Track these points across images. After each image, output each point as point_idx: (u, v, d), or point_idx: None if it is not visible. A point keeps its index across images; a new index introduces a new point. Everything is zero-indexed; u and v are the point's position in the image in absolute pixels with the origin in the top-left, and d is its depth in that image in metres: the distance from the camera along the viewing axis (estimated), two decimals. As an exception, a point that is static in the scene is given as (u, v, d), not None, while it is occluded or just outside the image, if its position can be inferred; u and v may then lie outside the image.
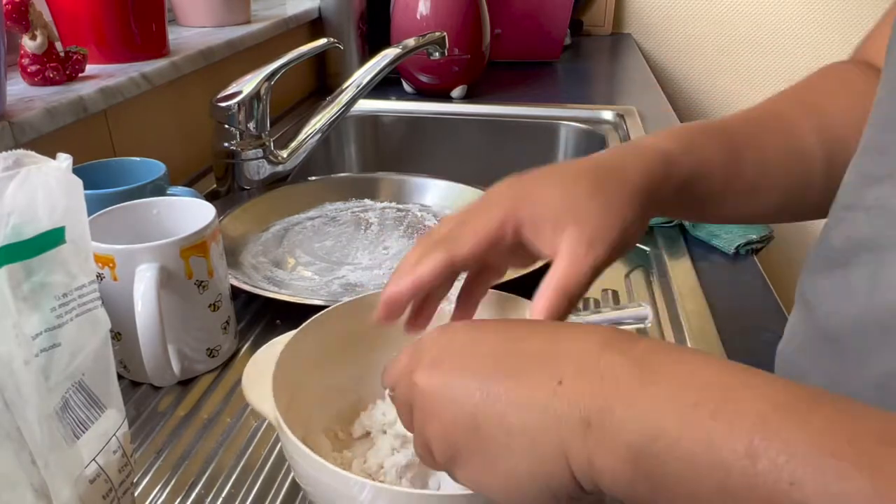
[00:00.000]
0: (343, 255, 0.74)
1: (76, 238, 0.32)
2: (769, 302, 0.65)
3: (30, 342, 0.30)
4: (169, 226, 0.56)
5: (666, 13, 1.78)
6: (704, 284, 0.67)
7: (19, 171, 0.30)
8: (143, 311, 0.48)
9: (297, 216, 0.81)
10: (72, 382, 0.32)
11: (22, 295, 0.30)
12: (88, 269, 0.33)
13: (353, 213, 0.83)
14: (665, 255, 0.73)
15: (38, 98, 0.68)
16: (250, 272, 0.69)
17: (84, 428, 0.33)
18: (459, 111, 1.22)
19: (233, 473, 0.46)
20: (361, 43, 1.30)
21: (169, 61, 0.85)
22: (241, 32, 1.03)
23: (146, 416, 0.51)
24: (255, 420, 0.51)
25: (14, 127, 0.61)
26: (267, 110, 0.83)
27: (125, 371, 0.54)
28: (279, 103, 1.21)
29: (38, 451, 0.30)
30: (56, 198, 0.31)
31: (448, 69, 1.21)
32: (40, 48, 0.71)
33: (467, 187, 0.83)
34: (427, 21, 1.18)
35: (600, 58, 1.62)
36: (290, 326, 0.44)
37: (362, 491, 0.33)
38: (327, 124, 0.87)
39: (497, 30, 1.39)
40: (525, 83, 1.37)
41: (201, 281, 0.53)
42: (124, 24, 0.82)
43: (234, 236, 0.73)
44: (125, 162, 0.68)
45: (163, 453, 0.48)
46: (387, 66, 0.87)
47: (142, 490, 0.45)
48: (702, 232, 0.75)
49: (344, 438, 0.46)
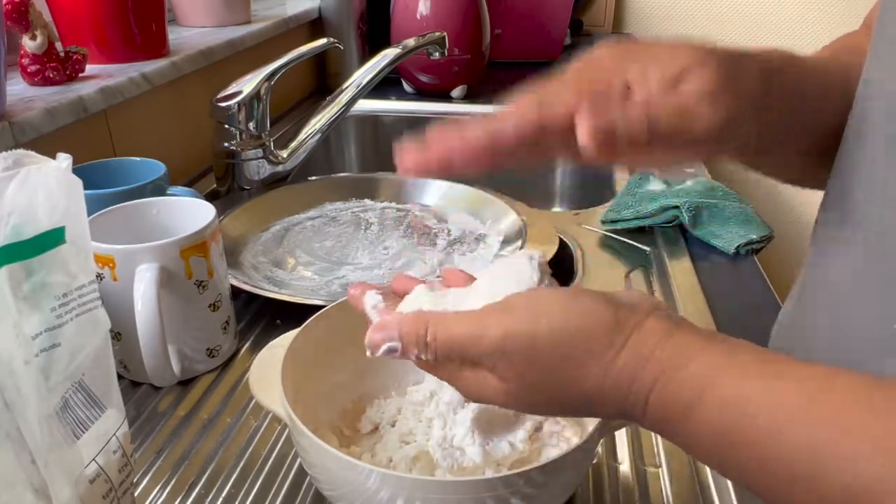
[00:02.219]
0: (343, 255, 0.74)
1: (76, 238, 0.32)
2: (769, 302, 0.65)
3: (30, 342, 0.30)
4: (169, 226, 0.56)
5: (666, 13, 1.78)
6: (704, 284, 0.67)
7: (19, 171, 0.30)
8: (143, 311, 0.48)
9: (297, 216, 0.81)
10: (72, 382, 0.32)
11: (22, 295, 0.30)
12: (88, 269, 0.33)
13: (353, 213, 0.83)
14: (665, 255, 0.73)
15: (38, 98, 0.68)
16: (250, 272, 0.69)
17: (84, 428, 0.33)
18: (459, 111, 1.22)
19: (233, 473, 0.46)
20: (361, 43, 1.30)
21: (169, 61, 0.85)
22: (241, 32, 1.03)
23: (146, 416, 0.51)
24: (255, 420, 0.51)
25: (14, 127, 0.61)
26: (267, 110, 0.83)
27: (125, 371, 0.54)
28: (279, 103, 1.21)
29: (38, 451, 0.30)
30: (56, 198, 0.31)
31: (448, 69, 1.21)
32: (40, 48, 0.71)
33: (467, 187, 0.83)
34: (427, 21, 1.18)
35: (600, 58, 1.61)
36: (290, 326, 0.44)
37: (370, 478, 0.34)
38: (327, 124, 0.87)
39: (497, 30, 1.39)
40: (525, 83, 1.37)
41: (201, 281, 0.53)
42: (124, 24, 0.82)
43: (234, 236, 0.73)
44: (125, 162, 0.68)
45: (163, 453, 0.48)
46: (387, 66, 0.87)
47: (142, 490, 0.45)
48: (702, 232, 0.75)
49: (350, 435, 0.46)
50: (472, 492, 0.33)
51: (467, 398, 0.34)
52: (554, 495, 0.37)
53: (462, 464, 0.39)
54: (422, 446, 0.42)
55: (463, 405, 0.42)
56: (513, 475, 0.34)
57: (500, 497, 0.34)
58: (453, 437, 0.40)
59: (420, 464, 0.41)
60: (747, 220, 0.76)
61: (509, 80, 1.54)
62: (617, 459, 0.47)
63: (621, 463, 0.47)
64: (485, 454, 0.39)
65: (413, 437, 0.43)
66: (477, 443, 0.40)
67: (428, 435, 0.42)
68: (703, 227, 0.75)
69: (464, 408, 0.41)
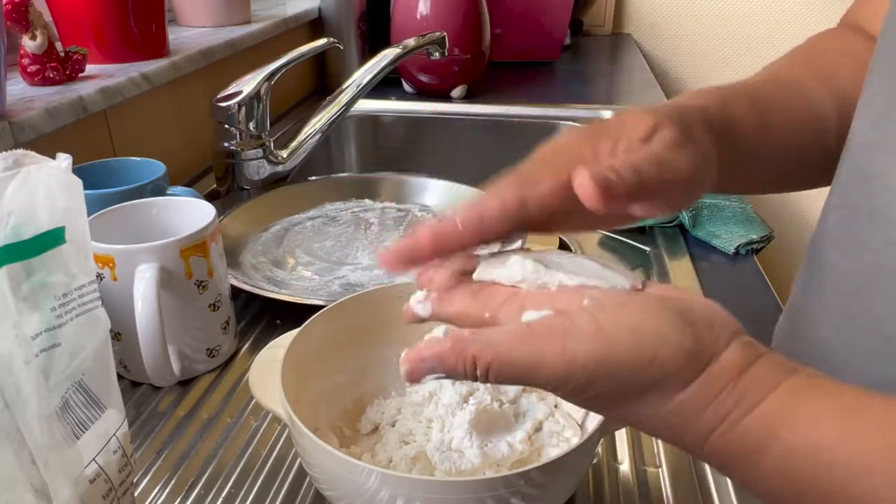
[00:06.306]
0: (343, 255, 0.74)
1: (76, 238, 0.32)
2: (769, 302, 0.65)
3: (30, 342, 0.30)
4: (169, 226, 0.56)
5: (666, 13, 1.78)
6: (704, 284, 0.67)
7: (19, 171, 0.30)
8: (143, 311, 0.48)
9: (297, 216, 0.81)
10: (72, 382, 0.32)
11: (22, 295, 0.30)
12: (88, 269, 0.33)
13: (353, 213, 0.83)
14: (665, 255, 0.73)
15: (38, 98, 0.68)
16: (250, 272, 0.69)
17: (84, 428, 0.33)
18: (459, 111, 1.22)
19: (233, 473, 0.46)
20: (361, 43, 1.30)
21: (169, 61, 0.85)
22: (241, 32, 1.03)
23: (146, 416, 0.51)
24: (255, 420, 0.51)
25: (14, 127, 0.61)
26: (267, 110, 0.83)
27: (125, 371, 0.54)
28: (279, 103, 1.21)
29: (38, 451, 0.30)
30: (56, 198, 0.31)
31: (448, 69, 1.21)
32: (40, 48, 0.71)
33: (468, 187, 0.83)
34: (427, 21, 1.18)
35: (600, 58, 1.62)
36: (290, 326, 0.44)
37: (370, 478, 0.34)
38: (327, 124, 0.87)
39: (497, 30, 1.39)
40: (525, 83, 1.37)
41: (201, 281, 0.53)
42: (124, 24, 0.82)
43: (234, 236, 0.73)
44: (125, 162, 0.68)
45: (163, 453, 0.48)
46: (387, 66, 0.87)
47: (142, 490, 0.45)
48: (702, 232, 0.75)
49: (350, 435, 0.46)
50: (472, 492, 0.33)
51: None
52: (554, 495, 0.37)
53: (460, 466, 0.39)
54: (421, 446, 0.42)
55: (462, 406, 0.42)
56: (513, 475, 0.34)
57: (500, 497, 0.34)
58: (451, 440, 0.40)
59: (420, 464, 0.41)
60: (747, 220, 0.76)
61: (509, 80, 1.53)
62: (617, 459, 0.47)
63: (621, 463, 0.47)
64: (483, 455, 0.39)
65: (413, 437, 0.43)
66: (475, 444, 0.40)
67: (428, 435, 0.42)
68: (703, 227, 0.75)
69: (462, 409, 0.41)
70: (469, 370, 0.28)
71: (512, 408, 0.43)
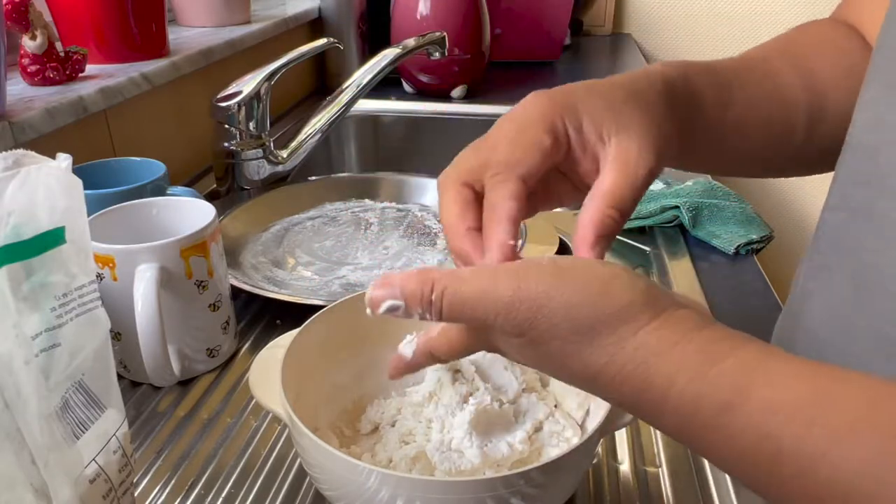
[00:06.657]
0: (343, 255, 0.74)
1: (76, 238, 0.32)
2: (769, 302, 0.65)
3: (30, 342, 0.30)
4: (169, 226, 0.56)
5: (666, 13, 1.78)
6: (704, 284, 0.67)
7: (19, 171, 0.30)
8: (142, 311, 0.48)
9: (297, 216, 0.81)
10: (72, 382, 0.32)
11: (22, 295, 0.30)
12: (88, 269, 0.33)
13: (353, 213, 0.83)
14: (665, 255, 0.73)
15: (38, 98, 0.68)
16: (250, 272, 0.69)
17: (84, 428, 0.33)
18: (459, 111, 1.22)
19: (233, 473, 0.46)
20: (361, 43, 1.30)
21: (169, 61, 0.85)
22: (241, 32, 1.03)
23: (146, 416, 0.51)
24: (255, 420, 0.51)
25: (14, 127, 0.61)
26: (267, 110, 0.83)
27: (125, 371, 0.54)
28: (279, 103, 1.21)
29: (38, 451, 0.30)
30: (56, 198, 0.31)
31: (448, 69, 1.21)
32: (40, 48, 0.71)
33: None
34: (427, 21, 1.18)
35: (600, 58, 1.62)
36: (290, 326, 0.44)
37: (370, 478, 0.34)
38: (327, 124, 0.87)
39: (497, 30, 1.39)
40: (525, 83, 1.37)
41: (201, 281, 0.53)
42: (124, 24, 0.82)
43: (234, 236, 0.73)
44: (125, 162, 0.68)
45: (163, 453, 0.48)
46: (387, 66, 0.87)
47: (142, 490, 0.45)
48: (702, 232, 0.75)
49: (350, 435, 0.46)
50: (472, 492, 0.33)
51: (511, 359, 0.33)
52: (554, 495, 0.37)
53: (460, 467, 0.39)
54: (421, 446, 0.42)
55: (461, 407, 0.42)
56: (513, 475, 0.33)
57: (500, 497, 0.34)
58: (451, 440, 0.40)
59: (420, 464, 0.41)
60: (747, 220, 0.76)
61: (509, 80, 1.53)
62: (617, 459, 0.47)
63: (621, 463, 0.47)
64: (483, 455, 0.39)
65: (413, 437, 0.43)
66: (475, 444, 0.39)
67: (428, 436, 0.42)
68: (703, 227, 0.75)
69: (462, 409, 0.41)
70: (426, 294, 0.29)
71: (512, 408, 0.43)
